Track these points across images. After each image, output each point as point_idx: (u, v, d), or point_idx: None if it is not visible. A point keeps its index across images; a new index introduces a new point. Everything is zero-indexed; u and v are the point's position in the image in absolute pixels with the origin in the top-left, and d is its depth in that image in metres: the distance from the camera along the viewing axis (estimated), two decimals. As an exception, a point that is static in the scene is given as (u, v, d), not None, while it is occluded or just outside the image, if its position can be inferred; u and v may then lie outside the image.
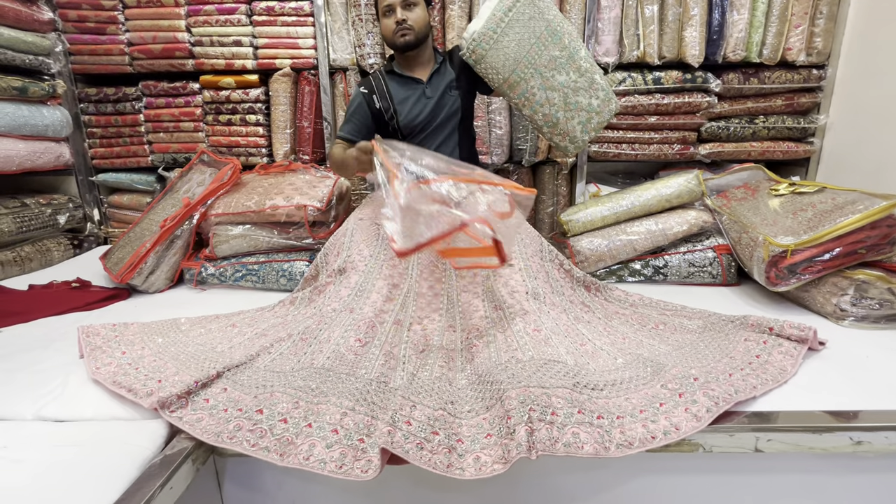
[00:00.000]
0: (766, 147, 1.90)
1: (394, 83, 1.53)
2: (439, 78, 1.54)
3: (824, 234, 1.22)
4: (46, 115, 1.81)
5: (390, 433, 0.74)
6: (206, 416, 0.83)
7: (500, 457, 0.72)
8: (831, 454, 0.81)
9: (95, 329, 1.11)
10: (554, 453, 0.71)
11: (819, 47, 1.81)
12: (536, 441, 0.72)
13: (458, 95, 1.54)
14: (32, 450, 0.77)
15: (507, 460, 0.71)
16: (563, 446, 0.72)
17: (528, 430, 0.72)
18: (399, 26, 1.41)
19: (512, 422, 0.74)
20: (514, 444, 0.71)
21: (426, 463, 0.72)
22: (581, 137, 1.49)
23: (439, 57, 1.56)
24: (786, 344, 1.02)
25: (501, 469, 0.70)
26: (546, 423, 0.74)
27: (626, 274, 1.61)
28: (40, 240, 1.83)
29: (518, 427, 0.73)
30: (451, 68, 1.55)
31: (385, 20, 1.44)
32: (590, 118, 1.47)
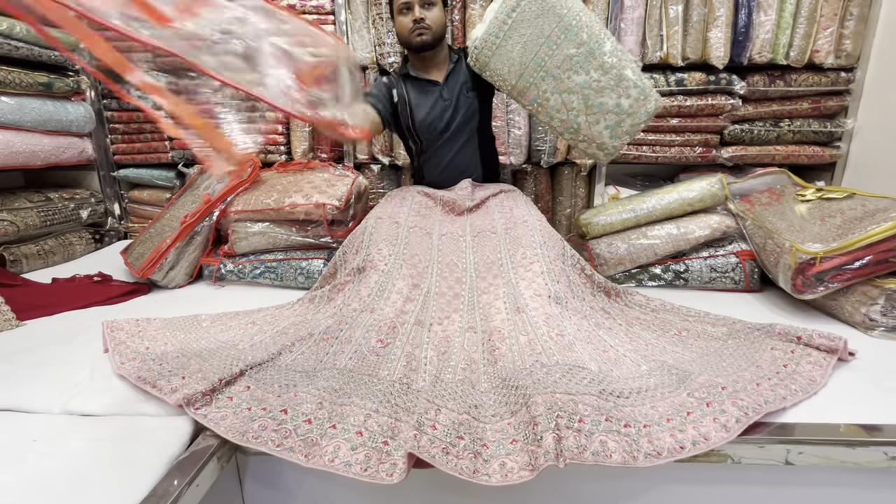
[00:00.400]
0: (791, 151, 1.86)
1: (410, 86, 1.53)
2: (455, 79, 1.52)
3: (854, 241, 1.19)
4: (71, 110, 1.83)
5: (416, 437, 0.73)
6: (231, 414, 0.84)
7: (527, 463, 0.71)
8: (865, 469, 0.79)
9: (119, 324, 1.12)
10: (582, 461, 0.70)
11: (848, 49, 1.76)
12: (564, 449, 0.71)
13: (475, 97, 1.53)
14: (61, 444, 0.78)
15: (535, 467, 0.70)
16: (591, 455, 0.71)
17: (555, 438, 0.71)
18: (416, 25, 1.39)
19: (539, 428, 0.73)
20: (542, 452, 0.70)
21: (452, 468, 0.71)
22: (611, 143, 1.35)
23: (454, 56, 1.54)
24: (815, 354, 1.00)
25: (529, 476, 0.70)
26: (574, 431, 0.73)
27: (645, 278, 1.59)
28: (63, 234, 1.86)
29: (545, 434, 0.72)
30: (465, 68, 1.52)
31: (401, 18, 1.42)
32: (619, 121, 1.32)
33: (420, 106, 1.53)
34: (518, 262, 1.24)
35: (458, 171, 1.58)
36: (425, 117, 1.53)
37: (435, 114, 1.53)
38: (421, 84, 1.52)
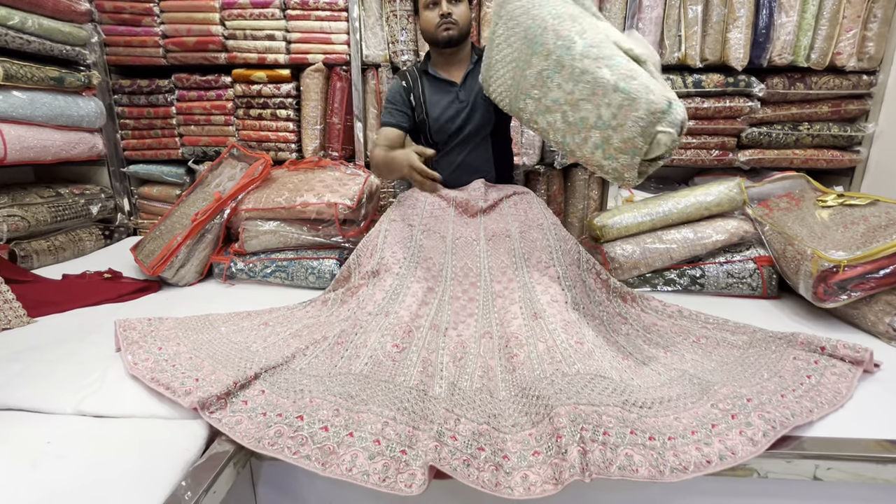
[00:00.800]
0: (810, 155, 1.83)
1: (427, 84, 1.51)
2: (473, 80, 1.50)
3: (880, 250, 1.16)
4: (82, 105, 1.82)
5: (437, 448, 0.72)
6: (245, 419, 0.82)
7: (551, 476, 0.70)
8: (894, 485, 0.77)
9: (132, 323, 1.11)
10: (609, 476, 0.69)
11: (871, 52, 1.73)
12: (590, 463, 0.69)
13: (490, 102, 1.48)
14: (75, 447, 0.77)
15: (560, 481, 0.68)
16: (617, 469, 0.70)
17: (580, 451, 0.70)
18: (443, 20, 1.37)
19: (563, 441, 0.72)
20: (567, 466, 0.68)
21: (474, 481, 0.70)
22: (609, 165, 1.04)
23: (475, 56, 1.52)
24: (839, 365, 0.97)
25: (553, 490, 0.68)
26: (599, 444, 0.71)
27: (660, 283, 1.56)
28: (73, 229, 1.85)
29: (570, 447, 0.70)
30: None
31: (427, 13, 1.40)
32: (606, 137, 1.00)
33: (435, 105, 1.50)
34: (533, 266, 1.22)
35: (470, 171, 1.56)
36: (439, 117, 1.51)
37: (449, 114, 1.50)
38: (438, 83, 1.50)
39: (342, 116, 1.97)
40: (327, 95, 1.97)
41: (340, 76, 1.92)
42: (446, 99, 1.50)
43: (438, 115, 1.51)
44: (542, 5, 1.10)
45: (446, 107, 1.50)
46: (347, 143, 2.03)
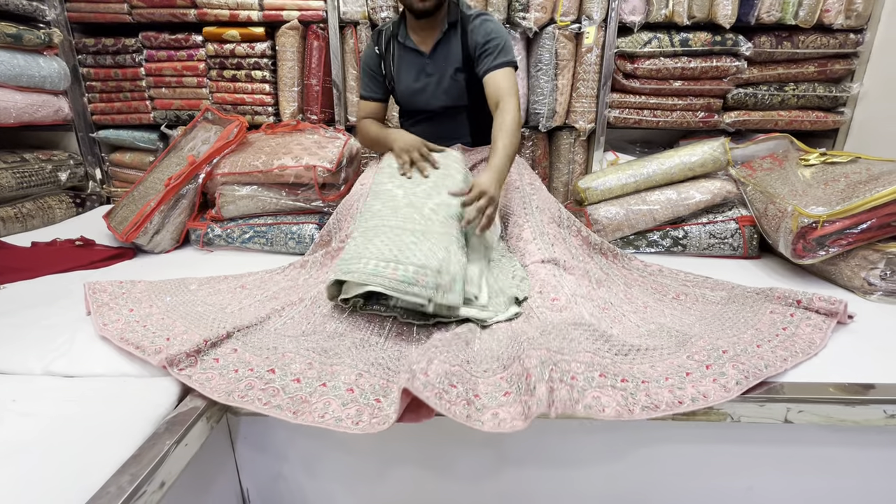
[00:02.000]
0: (794, 116, 1.82)
1: (397, 51, 1.42)
2: (444, 53, 1.38)
3: (858, 205, 1.16)
4: (43, 65, 1.73)
5: (409, 380, 0.71)
6: (216, 375, 0.81)
7: (520, 413, 0.70)
8: (863, 427, 0.79)
9: (102, 286, 1.08)
10: (574, 413, 0.69)
11: (859, 10, 1.70)
12: (556, 400, 0.69)
13: (464, 79, 1.38)
14: (43, 404, 0.75)
15: (527, 416, 0.68)
16: (583, 408, 0.70)
17: (548, 389, 0.70)
18: None
19: (532, 379, 0.72)
20: (535, 401, 0.69)
21: (446, 410, 0.69)
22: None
23: (446, 22, 1.37)
24: (814, 317, 0.99)
25: (522, 426, 0.68)
26: (566, 385, 0.72)
27: (643, 244, 1.57)
28: (42, 197, 1.78)
29: (539, 384, 0.71)
30: (459, 41, 1.35)
31: None
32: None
33: (403, 75, 1.43)
34: (509, 232, 1.21)
35: (444, 139, 1.50)
36: (406, 89, 1.44)
37: (417, 86, 1.42)
38: (407, 52, 1.41)
39: (320, 78, 1.89)
40: (304, 55, 1.89)
41: (317, 34, 1.84)
42: (414, 70, 1.41)
43: (405, 87, 1.43)
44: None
45: (415, 78, 1.42)
46: (326, 105, 1.96)
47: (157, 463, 0.64)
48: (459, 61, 1.38)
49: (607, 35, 1.75)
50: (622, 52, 1.77)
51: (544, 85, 1.82)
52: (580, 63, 1.81)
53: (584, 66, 1.80)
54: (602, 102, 1.84)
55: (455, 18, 1.37)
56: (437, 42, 1.38)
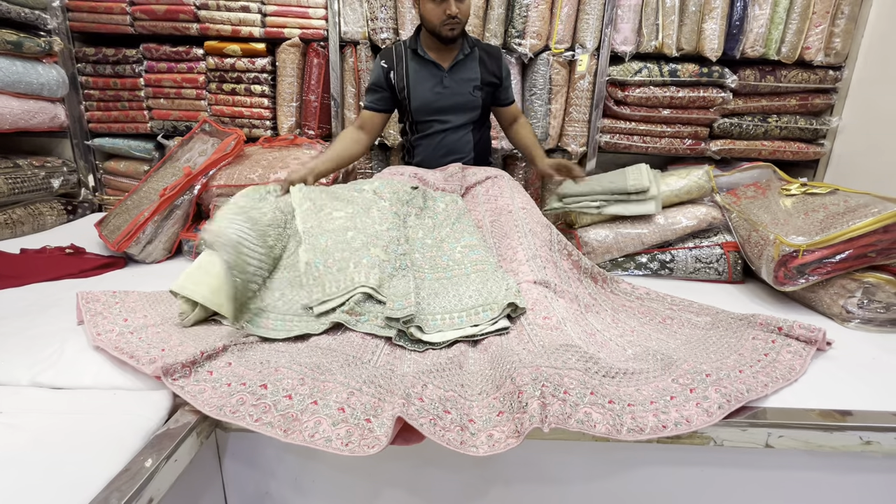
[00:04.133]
0: (777, 146, 1.89)
1: (413, 63, 1.51)
2: (462, 70, 1.51)
3: (836, 235, 1.21)
4: (42, 73, 1.74)
5: (405, 405, 0.72)
6: (209, 388, 0.81)
7: (514, 431, 0.71)
8: (840, 453, 0.82)
9: (95, 295, 1.07)
10: (567, 427, 0.70)
11: (838, 48, 1.79)
12: (549, 414, 0.71)
13: (480, 97, 1.53)
14: (30, 416, 0.74)
15: (520, 433, 0.70)
16: (575, 422, 0.71)
17: (541, 404, 0.71)
18: (450, 20, 1.37)
19: (524, 396, 0.73)
20: (527, 417, 0.70)
21: (440, 438, 0.70)
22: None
23: (467, 47, 1.52)
24: (794, 344, 1.02)
25: (515, 443, 0.69)
26: (559, 400, 0.73)
27: (632, 267, 1.60)
28: (33, 203, 1.77)
29: (531, 401, 0.72)
30: (478, 65, 1.51)
31: (432, 6, 1.38)
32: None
33: (418, 86, 1.50)
34: (503, 254, 1.24)
35: (449, 153, 1.57)
36: (421, 99, 1.51)
37: (431, 98, 1.51)
38: (425, 63, 1.50)
39: (319, 94, 1.93)
40: (304, 72, 1.92)
41: (318, 52, 1.88)
42: (431, 82, 1.50)
43: (420, 95, 1.51)
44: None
45: (430, 89, 1.50)
46: (324, 121, 1.99)
47: (147, 479, 0.64)
48: (478, 80, 1.51)
49: (599, 63, 1.82)
50: (613, 80, 1.83)
51: (538, 109, 1.87)
52: (573, 89, 1.86)
53: (577, 91, 1.85)
54: (594, 127, 1.89)
55: (473, 45, 1.53)
56: (456, 61, 1.50)
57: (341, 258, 1.09)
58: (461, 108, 1.51)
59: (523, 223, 1.31)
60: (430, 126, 1.55)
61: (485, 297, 1.07)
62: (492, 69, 1.54)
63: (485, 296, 1.08)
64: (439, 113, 1.52)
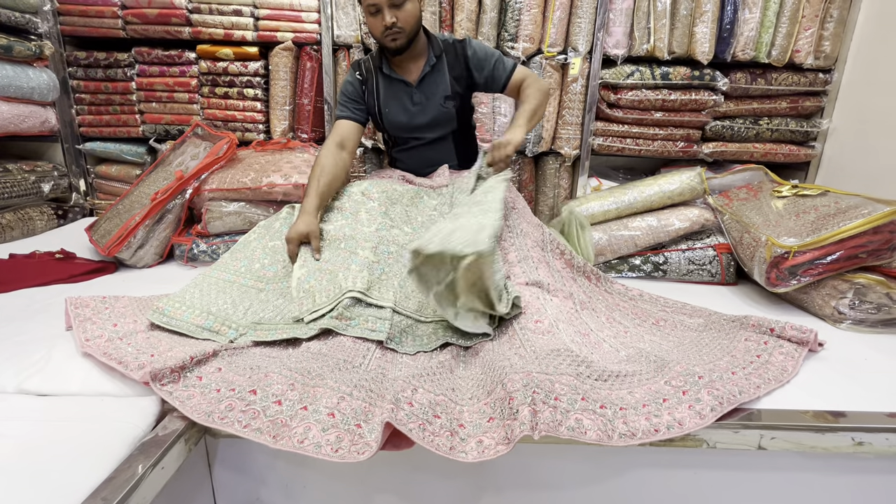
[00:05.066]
0: (769, 149, 1.90)
1: (382, 82, 1.45)
2: (432, 83, 1.43)
3: (827, 237, 1.22)
4: (32, 76, 1.72)
5: (393, 411, 0.72)
6: (198, 394, 0.80)
7: (504, 437, 0.71)
8: (832, 454, 0.82)
9: (84, 300, 1.06)
10: (557, 434, 0.70)
11: (827, 51, 1.80)
12: (540, 421, 0.70)
13: (453, 106, 1.45)
14: (15, 423, 0.73)
15: (511, 440, 0.69)
16: (566, 429, 0.71)
17: (531, 411, 0.71)
18: (388, 31, 1.29)
19: (515, 402, 0.73)
20: (518, 424, 0.69)
21: (429, 444, 0.70)
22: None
23: (433, 56, 1.42)
24: (786, 345, 1.02)
25: (505, 450, 0.69)
26: (550, 407, 0.73)
27: (625, 269, 1.60)
28: (22, 208, 1.75)
29: (521, 407, 0.72)
30: (447, 69, 1.41)
31: (371, 19, 1.30)
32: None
33: (389, 105, 1.45)
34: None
35: (432, 164, 1.54)
36: (394, 118, 1.47)
37: (405, 117, 1.46)
38: (392, 82, 1.44)
39: (312, 98, 1.92)
40: (297, 76, 1.92)
41: (311, 56, 1.88)
42: (401, 101, 1.45)
43: (393, 115, 1.46)
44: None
45: (402, 108, 1.45)
46: (317, 125, 1.98)
47: (132, 487, 0.63)
48: (448, 89, 1.44)
49: (592, 66, 1.83)
50: (606, 83, 1.84)
51: (531, 112, 1.87)
52: (566, 92, 1.87)
53: (570, 94, 1.86)
54: (587, 130, 1.90)
55: (440, 51, 1.43)
56: (423, 74, 1.42)
57: (331, 269, 1.09)
58: (435, 122, 1.46)
59: (514, 224, 1.31)
60: (407, 142, 1.53)
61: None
62: (459, 70, 1.42)
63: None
64: (414, 130, 1.48)
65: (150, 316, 1.01)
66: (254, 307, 1.08)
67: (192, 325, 1.00)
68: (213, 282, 1.16)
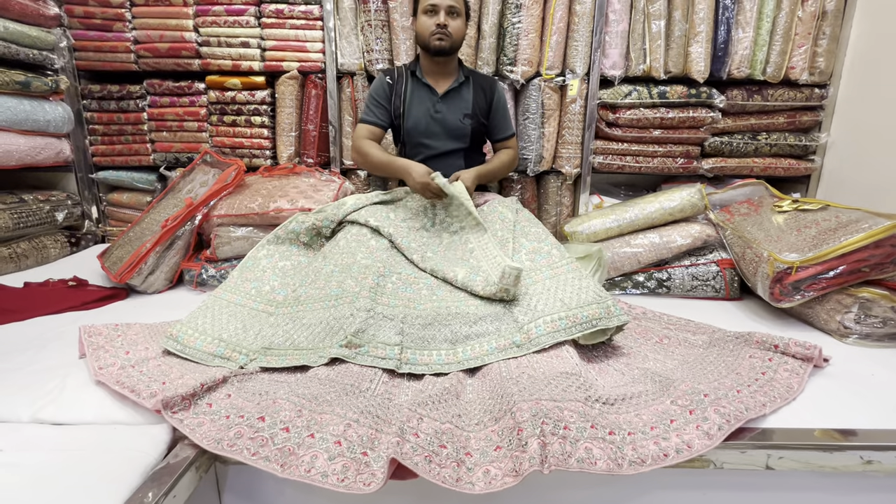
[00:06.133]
0: (769, 163, 1.92)
1: (412, 85, 1.56)
2: (456, 98, 1.55)
3: (829, 251, 1.22)
4: (48, 110, 1.79)
5: (399, 444, 0.72)
6: (208, 420, 0.82)
7: (511, 469, 0.71)
8: (841, 473, 0.81)
9: (97, 329, 1.09)
10: (567, 468, 0.70)
11: (821, 67, 1.83)
12: (549, 455, 0.71)
13: (470, 125, 1.56)
14: (30, 453, 0.75)
15: (519, 473, 0.69)
16: (576, 461, 0.71)
17: (540, 444, 0.71)
18: (439, 29, 1.43)
19: (524, 434, 0.73)
20: (527, 457, 0.70)
21: (435, 476, 0.70)
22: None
23: (462, 76, 1.57)
24: (791, 362, 1.02)
25: (512, 482, 0.69)
26: (559, 438, 0.73)
27: (629, 286, 1.61)
28: (37, 237, 1.80)
29: (530, 440, 0.72)
30: (471, 94, 1.55)
31: (425, 18, 1.46)
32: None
33: (413, 108, 1.55)
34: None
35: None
36: (415, 119, 1.55)
37: (423, 122, 1.55)
38: (421, 87, 1.55)
39: (317, 124, 1.97)
40: (302, 103, 1.98)
41: (315, 84, 1.93)
42: (424, 105, 1.55)
43: (414, 115, 1.55)
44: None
45: (422, 114, 1.54)
46: (323, 150, 2.03)
47: (145, 515, 0.64)
48: (469, 108, 1.55)
49: (590, 87, 1.86)
50: (604, 103, 1.88)
51: (532, 132, 1.91)
52: (565, 112, 1.91)
53: (569, 115, 1.90)
54: (587, 149, 1.93)
55: (468, 74, 1.58)
56: (450, 88, 1.55)
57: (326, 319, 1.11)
58: (450, 133, 1.55)
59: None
60: (419, 151, 1.58)
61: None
62: (486, 98, 1.58)
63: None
64: (428, 136, 1.55)
65: (164, 343, 1.03)
66: (264, 331, 1.10)
67: (204, 353, 1.03)
68: (224, 305, 1.19)
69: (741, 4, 1.79)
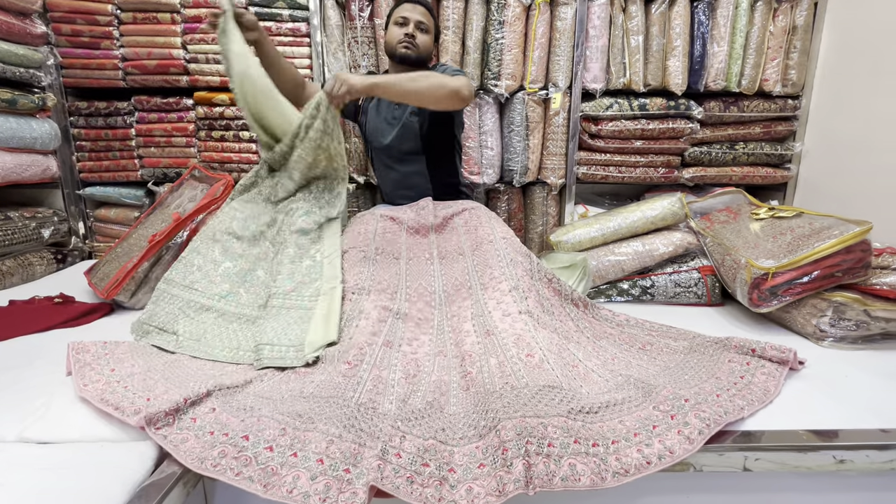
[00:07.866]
0: (747, 172, 1.98)
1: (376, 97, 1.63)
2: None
3: (803, 257, 1.26)
4: (35, 127, 1.79)
5: (380, 467, 0.73)
6: (192, 437, 0.82)
7: (494, 489, 0.72)
8: (815, 472, 0.84)
9: (85, 346, 1.09)
10: (552, 488, 0.72)
11: (794, 79, 1.90)
12: (534, 476, 0.72)
13: (417, 122, 1.57)
14: (16, 473, 0.75)
15: (503, 493, 0.70)
16: (560, 480, 0.73)
17: (525, 465, 0.73)
18: (406, 38, 1.50)
19: (509, 454, 0.74)
20: (512, 479, 0.71)
21: (417, 498, 0.71)
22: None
23: None
24: (768, 365, 1.05)
25: (496, 502, 0.70)
26: (543, 457, 0.74)
27: (614, 294, 1.64)
28: (23, 254, 1.79)
29: (515, 461, 0.73)
30: None
31: (395, 28, 1.53)
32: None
33: (371, 116, 1.65)
34: (486, 283, 1.27)
35: (405, 186, 1.67)
36: (371, 128, 1.65)
37: (381, 128, 1.63)
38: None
39: (305, 138, 1.99)
40: (290, 117, 2.00)
41: (303, 99, 1.96)
42: (382, 114, 1.63)
43: (371, 126, 1.65)
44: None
45: (380, 122, 1.63)
46: (311, 163, 2.05)
47: (132, 532, 0.64)
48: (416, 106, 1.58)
49: (572, 100, 1.91)
50: (586, 115, 1.93)
51: (516, 144, 1.95)
52: (549, 125, 1.95)
53: (553, 127, 1.94)
54: (571, 160, 1.97)
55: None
56: None
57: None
58: (400, 135, 1.60)
59: (504, 253, 1.35)
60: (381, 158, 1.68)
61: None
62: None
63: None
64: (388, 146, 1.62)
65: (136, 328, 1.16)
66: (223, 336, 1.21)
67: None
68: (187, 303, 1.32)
69: (715, 20, 1.86)
